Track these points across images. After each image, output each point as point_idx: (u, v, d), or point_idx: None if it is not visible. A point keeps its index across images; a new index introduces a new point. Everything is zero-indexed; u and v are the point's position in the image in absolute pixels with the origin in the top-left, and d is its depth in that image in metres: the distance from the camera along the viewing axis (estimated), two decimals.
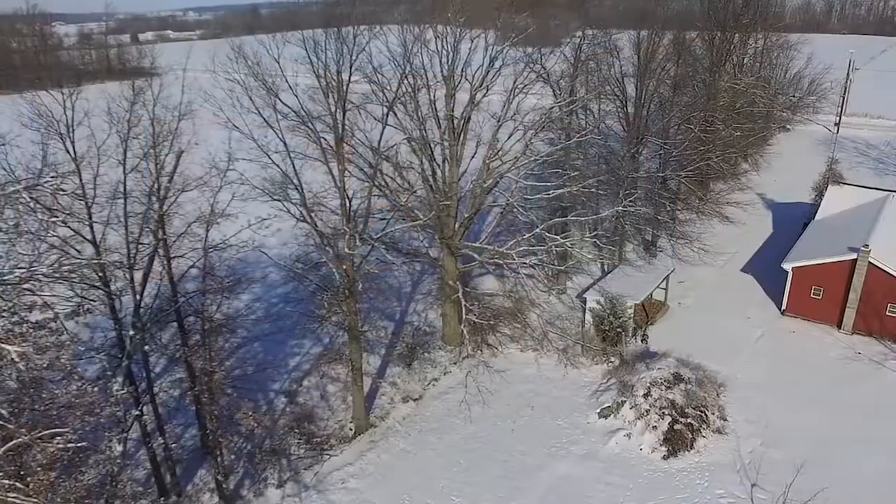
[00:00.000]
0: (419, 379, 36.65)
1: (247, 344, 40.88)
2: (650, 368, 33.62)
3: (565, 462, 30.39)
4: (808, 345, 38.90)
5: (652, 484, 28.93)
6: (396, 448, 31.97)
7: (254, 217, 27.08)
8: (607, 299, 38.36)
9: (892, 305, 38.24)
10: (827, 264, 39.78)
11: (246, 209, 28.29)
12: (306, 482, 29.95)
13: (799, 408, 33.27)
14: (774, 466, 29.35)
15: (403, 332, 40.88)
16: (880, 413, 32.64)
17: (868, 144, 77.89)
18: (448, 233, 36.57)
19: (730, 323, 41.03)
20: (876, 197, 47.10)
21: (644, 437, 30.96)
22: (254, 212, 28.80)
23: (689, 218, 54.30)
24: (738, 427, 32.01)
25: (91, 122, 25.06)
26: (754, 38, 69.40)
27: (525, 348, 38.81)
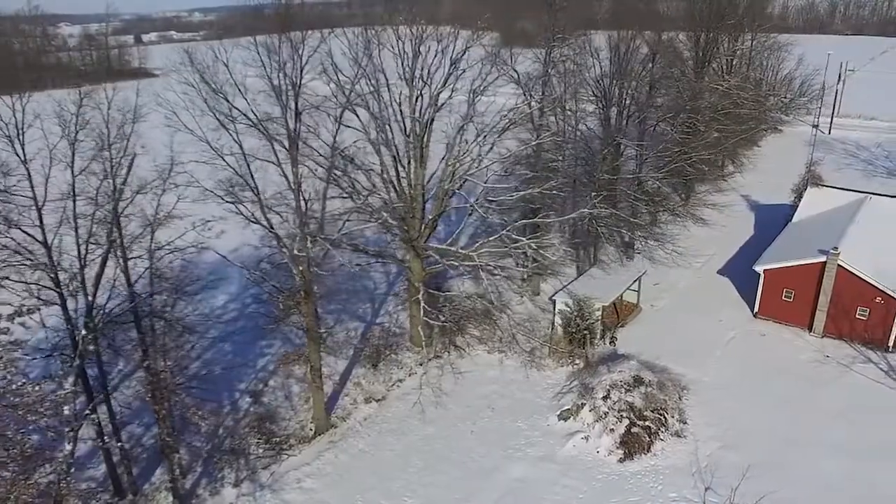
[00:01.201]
0: (384, 380, 36.72)
1: (217, 344, 41.38)
2: (611, 371, 33.55)
3: (522, 464, 30.36)
4: (778, 348, 38.69)
5: (606, 487, 28.86)
6: (355, 448, 32.05)
7: (205, 218, 27.22)
8: (575, 301, 38.30)
9: (861, 308, 37.99)
10: (797, 267, 39.56)
11: (201, 211, 28.51)
12: (263, 481, 30.08)
13: (762, 411, 33.12)
14: (731, 470, 28.98)
15: (372, 334, 41.02)
16: (844, 416, 32.40)
17: (858, 146, 77.33)
18: (413, 234, 36.63)
19: (701, 325, 40.88)
20: (853, 199, 46.74)
21: (601, 440, 30.89)
22: (209, 214, 29.02)
23: (666, 220, 54.14)
24: (699, 430, 31.88)
25: (43, 125, 25.36)
26: (742, 38, 68.97)
27: (492, 350, 38.82)
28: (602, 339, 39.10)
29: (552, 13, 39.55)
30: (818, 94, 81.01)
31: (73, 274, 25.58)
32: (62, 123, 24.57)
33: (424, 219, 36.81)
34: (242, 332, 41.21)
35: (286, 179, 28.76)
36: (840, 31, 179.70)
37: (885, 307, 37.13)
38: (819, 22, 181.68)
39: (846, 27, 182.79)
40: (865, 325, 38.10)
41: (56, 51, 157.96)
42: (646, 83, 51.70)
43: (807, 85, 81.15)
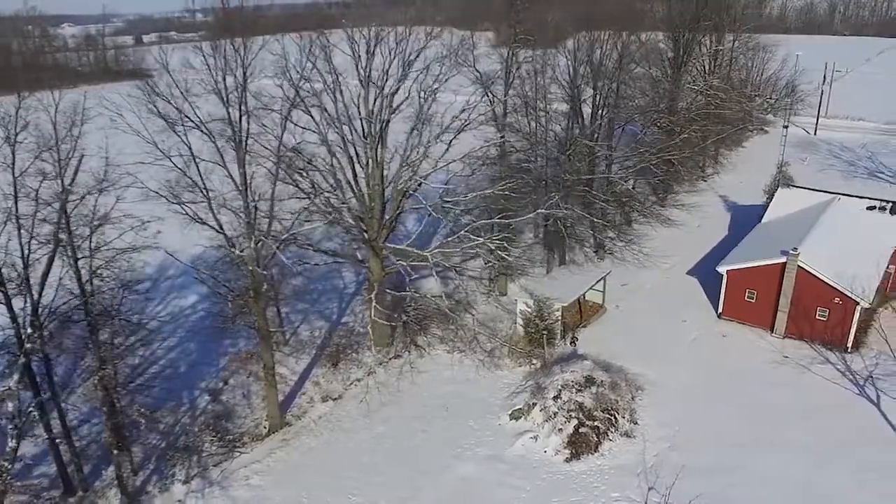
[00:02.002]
0: (343, 379, 36.97)
1: (184, 343, 41.76)
2: (564, 371, 33.65)
3: (470, 463, 30.50)
4: (738, 348, 38.67)
5: (550, 486, 28.96)
6: (307, 446, 32.30)
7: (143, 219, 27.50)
8: (535, 302, 38.42)
9: (821, 309, 37.94)
10: (759, 267, 39.53)
11: (151, 211, 28.81)
12: (213, 479, 30.35)
13: (716, 412, 33.13)
14: (676, 470, 28.99)
15: (337, 333, 41.27)
16: (795, 417, 32.40)
17: (843, 147, 77.04)
18: (372, 234, 36.84)
19: (664, 326, 40.92)
20: (822, 200, 46.69)
21: (550, 440, 31.00)
22: (159, 214, 29.31)
23: (640, 221, 54.22)
24: (650, 431, 31.93)
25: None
26: (722, 39, 68.82)
27: (452, 350, 38.97)
28: (562, 339, 39.20)
29: (514, 13, 39.66)
30: (801, 96, 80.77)
31: (18, 272, 25.93)
32: (2, 124, 24.87)
33: (383, 219, 36.97)
34: (208, 332, 41.46)
35: (233, 180, 29.00)
36: (839, 31, 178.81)
37: (844, 308, 37.08)
38: (818, 23, 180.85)
39: (845, 28, 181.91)
40: (825, 326, 38.04)
41: (54, 52, 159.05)
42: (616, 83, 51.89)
43: (791, 85, 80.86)
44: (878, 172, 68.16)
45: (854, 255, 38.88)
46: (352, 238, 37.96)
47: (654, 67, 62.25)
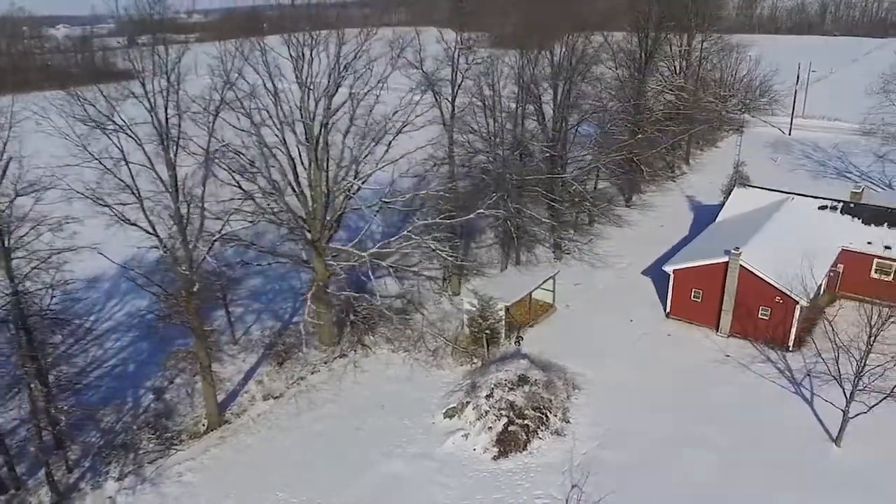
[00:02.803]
0: (286, 378, 37.27)
1: (137, 342, 42.10)
2: (498, 370, 33.91)
3: (399, 461, 30.79)
4: (682, 348, 38.89)
5: (476, 484, 29.23)
6: (242, 444, 32.63)
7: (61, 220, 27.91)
8: (479, 301, 38.68)
9: (763, 308, 38.13)
10: (703, 267, 39.75)
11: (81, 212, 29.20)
12: (146, 475, 30.68)
13: (651, 410, 33.37)
14: (603, 468, 29.54)
15: (287, 332, 41.58)
16: (727, 416, 32.62)
17: (816, 147, 77.08)
18: (315, 235, 37.15)
19: (612, 325, 41.15)
20: (777, 199, 46.89)
21: (479, 438, 31.27)
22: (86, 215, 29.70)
23: (598, 220, 54.49)
24: (581, 429, 32.19)
25: None
26: (690, 39, 68.88)
27: (397, 349, 39.27)
28: (507, 338, 39.45)
29: (460, 13, 39.95)
30: (775, 96, 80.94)
31: None
32: None
33: (325, 220, 37.26)
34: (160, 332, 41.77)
35: (162, 182, 29.34)
36: (829, 32, 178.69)
37: (784, 307, 37.28)
38: (809, 23, 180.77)
39: (836, 28, 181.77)
40: (767, 325, 38.25)
41: (42, 53, 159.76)
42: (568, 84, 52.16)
43: (765, 86, 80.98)
44: (847, 172, 68.22)
45: (800, 255, 38.91)
46: (295, 239, 38.17)
47: (621, 67, 62.57)
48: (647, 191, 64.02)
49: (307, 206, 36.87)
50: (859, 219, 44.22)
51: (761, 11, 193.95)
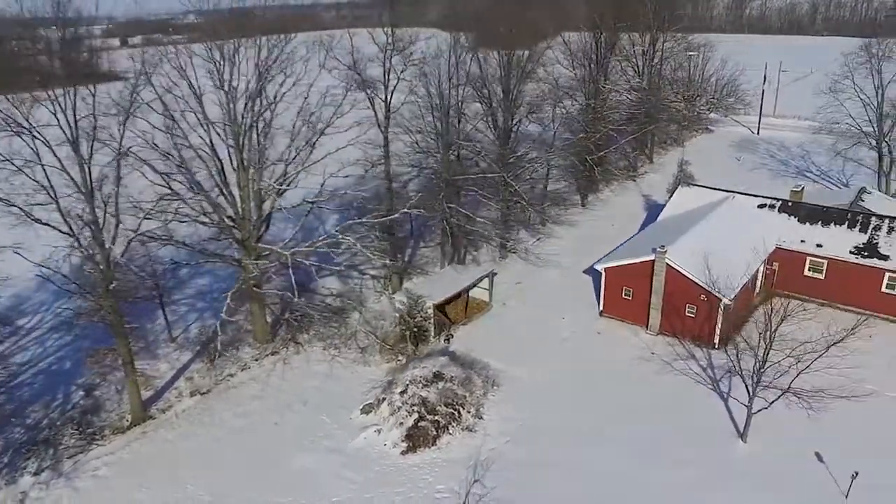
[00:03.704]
0: (216, 374, 37.78)
1: (77, 341, 42.64)
2: (415, 367, 34.35)
3: (310, 455, 31.27)
4: (610, 346, 39.22)
5: (380, 478, 29.67)
6: (163, 439, 33.15)
7: None
8: (408, 300, 39.14)
9: (689, 306, 38.43)
10: (632, 265, 40.10)
11: None
12: (63, 471, 31.20)
13: (567, 407, 33.75)
14: (508, 464, 30.01)
15: (225, 330, 42.02)
16: (642, 413, 32.95)
17: (782, 146, 77.24)
18: (245, 234, 37.68)
19: (544, 323, 41.52)
20: (718, 198, 47.20)
21: (391, 433, 31.73)
22: None
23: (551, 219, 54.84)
24: (494, 425, 32.60)
25: None
26: (650, 39, 69.10)
27: (328, 347, 39.75)
28: (437, 336, 39.87)
29: (392, 14, 40.44)
30: (742, 96, 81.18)
31: None
32: None
33: (253, 220, 37.75)
34: (100, 330, 42.25)
35: (75, 183, 29.91)
36: (819, 32, 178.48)
37: (709, 305, 37.57)
38: (797, 23, 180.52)
39: (825, 28, 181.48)
40: (694, 323, 38.55)
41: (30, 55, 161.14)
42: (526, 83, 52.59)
43: (731, 86, 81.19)
44: (807, 171, 68.45)
45: (731, 253, 39.31)
46: (225, 238, 38.63)
47: (578, 68, 62.87)
48: (605, 190, 64.40)
49: (236, 207, 37.40)
50: (795, 217, 44.56)
51: (750, 12, 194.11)
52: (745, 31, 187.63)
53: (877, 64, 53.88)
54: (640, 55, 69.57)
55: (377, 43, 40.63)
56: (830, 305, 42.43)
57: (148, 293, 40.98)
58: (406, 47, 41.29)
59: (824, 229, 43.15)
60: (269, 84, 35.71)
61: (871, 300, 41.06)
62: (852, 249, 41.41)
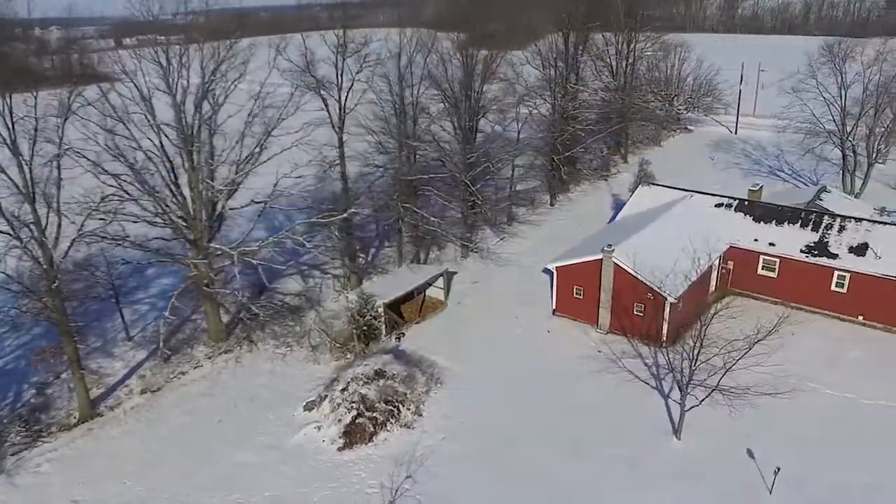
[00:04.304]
0: (169, 372, 38.22)
1: (36, 340, 43.13)
2: (358, 365, 34.73)
3: (249, 451, 31.67)
4: (559, 344, 39.48)
5: (314, 473, 30.05)
6: (107, 435, 33.62)
7: None
8: (359, 299, 39.53)
9: (637, 305, 38.68)
10: (582, 264, 40.37)
11: None
12: (5, 467, 31.61)
13: (508, 405, 34.04)
14: (442, 460, 30.39)
15: (182, 329, 42.58)
16: (582, 411, 33.19)
17: (758, 145, 77.34)
18: (196, 235, 38.12)
19: (496, 322, 41.83)
20: (677, 197, 47.45)
21: (330, 430, 32.10)
22: None
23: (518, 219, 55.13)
24: (432, 422, 32.94)
25: None
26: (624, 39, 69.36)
27: (281, 345, 40.16)
28: (388, 335, 40.23)
29: (346, 15, 40.88)
30: (719, 95, 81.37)
31: None
32: None
33: (204, 220, 38.18)
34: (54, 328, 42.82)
35: (15, 185, 30.43)
36: (811, 31, 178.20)
37: (655, 303, 37.84)
38: (789, 23, 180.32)
39: (818, 27, 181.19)
40: (642, 322, 38.80)
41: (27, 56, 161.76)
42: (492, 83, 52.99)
43: (707, 85, 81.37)
44: (779, 170, 68.63)
45: (681, 252, 39.39)
46: (176, 238, 39.05)
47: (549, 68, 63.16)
48: (575, 190, 64.68)
49: (187, 208, 37.84)
50: (751, 217, 44.80)
51: (742, 11, 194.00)
52: (737, 31, 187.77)
53: (839, 64, 53.95)
54: (613, 55, 69.75)
55: (328, 44, 41.02)
56: (784, 304, 42.75)
57: (104, 292, 41.58)
58: (359, 49, 41.64)
59: (778, 228, 43.40)
60: (219, 86, 36.14)
61: (821, 298, 41.30)
62: (803, 248, 41.65)
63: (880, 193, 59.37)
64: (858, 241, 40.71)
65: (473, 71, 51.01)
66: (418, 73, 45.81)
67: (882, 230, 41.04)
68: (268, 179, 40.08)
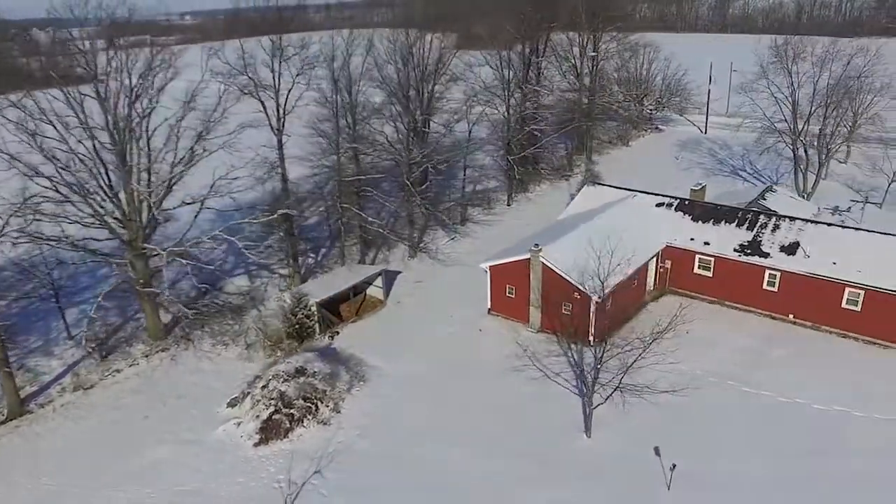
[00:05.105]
0: (104, 370, 38.90)
1: None
2: (280, 362, 35.32)
3: (168, 447, 32.30)
4: (487, 344, 39.88)
5: (227, 468, 30.63)
6: (33, 433, 34.30)
7: None
8: (292, 298, 40.14)
9: (565, 304, 39.05)
10: (513, 263, 40.80)
11: None
12: None
13: (424, 403, 34.57)
14: (352, 456, 30.97)
15: (124, 328, 43.30)
16: (499, 409, 33.63)
17: (725, 145, 77.43)
18: (132, 235, 38.82)
19: (431, 321, 42.31)
20: (620, 197, 47.80)
21: (248, 426, 32.68)
22: None
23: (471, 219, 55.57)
24: (350, 419, 33.47)
25: None
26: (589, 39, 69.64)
27: (217, 343, 40.79)
28: (323, 333, 40.80)
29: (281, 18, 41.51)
30: (687, 95, 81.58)
31: None
32: None
33: (139, 222, 38.89)
34: None
35: None
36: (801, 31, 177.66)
37: (582, 303, 38.21)
38: (779, 23, 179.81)
39: (809, 27, 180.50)
40: (570, 321, 39.10)
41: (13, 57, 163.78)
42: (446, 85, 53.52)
43: (675, 85, 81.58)
44: (741, 170, 68.84)
45: (615, 251, 39.53)
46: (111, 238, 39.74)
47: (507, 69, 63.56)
48: (535, 189, 65.10)
49: (122, 209, 38.53)
50: (690, 216, 45.12)
51: (733, 11, 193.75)
52: (728, 31, 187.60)
53: (788, 63, 54.12)
54: (577, 56, 70.05)
55: (264, 48, 41.68)
56: (719, 303, 43.10)
57: (45, 293, 42.36)
58: (297, 52, 42.27)
59: (715, 228, 43.70)
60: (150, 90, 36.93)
61: (753, 297, 41.60)
62: (736, 247, 41.93)
63: (837, 193, 59.56)
64: (790, 241, 41.00)
65: (424, 71, 51.69)
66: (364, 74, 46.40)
67: (814, 229, 41.31)
68: (206, 181, 40.85)
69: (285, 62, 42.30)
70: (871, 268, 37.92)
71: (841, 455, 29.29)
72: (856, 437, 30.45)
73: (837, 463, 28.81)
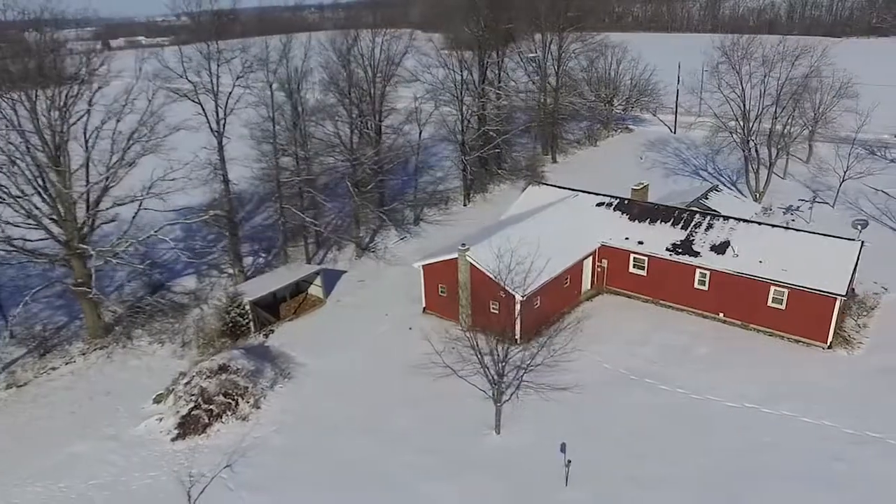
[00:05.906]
0: (40, 367, 39.70)
1: None
2: (205, 359, 36.01)
3: (88, 442, 32.96)
4: (416, 342, 39.82)
5: (141, 462, 31.32)
6: None
7: None
8: (226, 296, 40.85)
9: (493, 303, 39.55)
10: (443, 262, 41.34)
11: None
12: None
13: (344, 400, 35.18)
14: (266, 451, 31.63)
15: (68, 326, 44.09)
16: (415, 407, 34.16)
17: (692, 145, 77.59)
18: (69, 236, 39.61)
19: (367, 320, 42.90)
20: (560, 196, 48.25)
21: (168, 421, 33.40)
22: None
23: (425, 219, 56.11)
24: (269, 415, 34.11)
25: None
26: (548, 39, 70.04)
27: (154, 342, 41.51)
28: (258, 331, 41.48)
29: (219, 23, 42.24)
30: (654, 95, 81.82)
31: None
32: None
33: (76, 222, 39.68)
34: None
35: None
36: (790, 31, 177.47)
37: (507, 301, 38.68)
38: (769, 23, 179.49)
39: (799, 28, 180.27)
40: (498, 319, 39.60)
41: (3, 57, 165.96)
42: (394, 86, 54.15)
43: (643, 85, 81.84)
44: (702, 169, 69.11)
45: (546, 250, 39.95)
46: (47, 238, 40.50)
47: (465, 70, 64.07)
48: (494, 190, 65.63)
49: (58, 210, 39.32)
50: (627, 215, 45.55)
51: (724, 11, 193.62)
52: (719, 31, 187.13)
53: (737, 63, 54.39)
54: (540, 56, 70.51)
55: (201, 53, 42.40)
56: (654, 302, 43.51)
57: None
58: (235, 55, 43.00)
59: (650, 227, 44.12)
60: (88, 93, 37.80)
61: (686, 296, 42.01)
62: (669, 247, 42.33)
63: (796, 192, 59.80)
64: (721, 240, 41.38)
65: (375, 73, 52.35)
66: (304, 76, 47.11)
67: (745, 228, 41.70)
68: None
69: (224, 65, 42.98)
70: (796, 267, 38.30)
71: (740, 452, 29.71)
72: (758, 434, 30.85)
73: (735, 459, 29.25)
